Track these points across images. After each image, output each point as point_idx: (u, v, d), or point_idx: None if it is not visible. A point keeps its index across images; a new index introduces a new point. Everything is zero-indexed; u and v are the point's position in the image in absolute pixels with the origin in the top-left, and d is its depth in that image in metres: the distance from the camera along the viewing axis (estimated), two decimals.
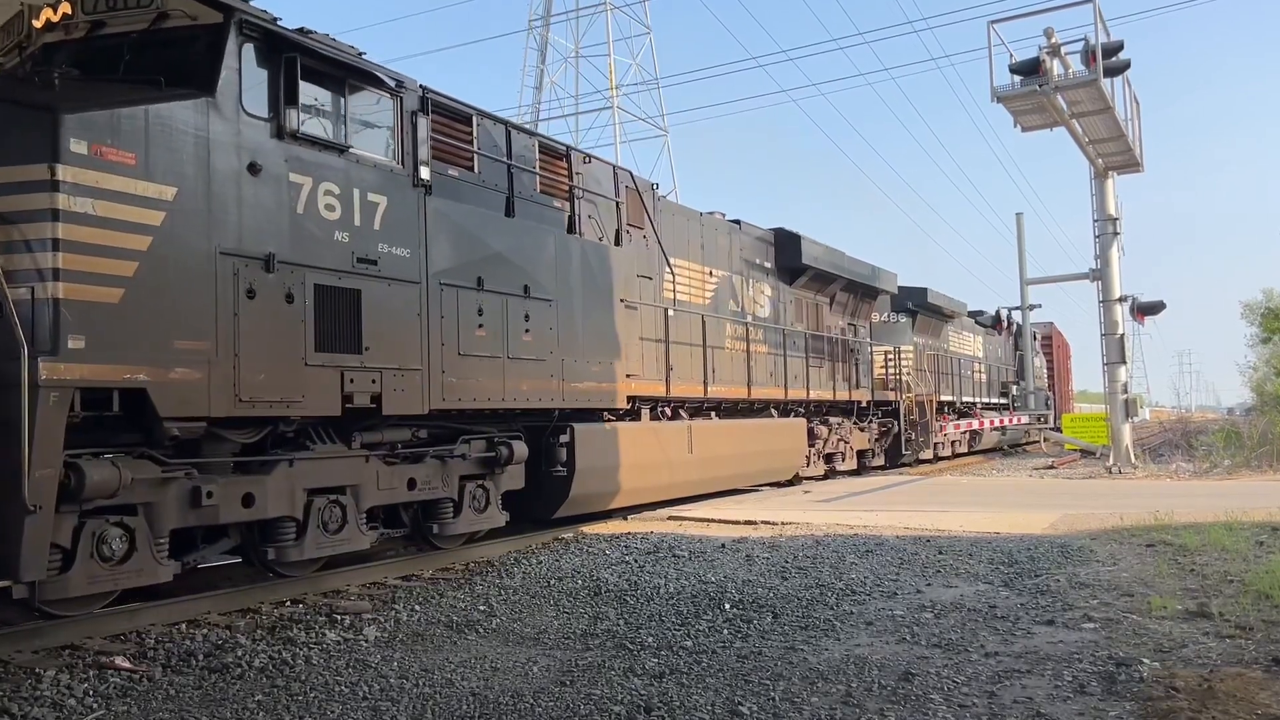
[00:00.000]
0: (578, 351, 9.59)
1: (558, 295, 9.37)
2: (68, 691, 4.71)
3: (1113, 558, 7.81)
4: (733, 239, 14.50)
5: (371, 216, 7.31)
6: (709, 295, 13.45)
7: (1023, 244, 21.89)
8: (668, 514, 11.27)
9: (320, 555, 7.18)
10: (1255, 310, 46.75)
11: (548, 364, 9.14)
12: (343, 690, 4.68)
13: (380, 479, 7.62)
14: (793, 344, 15.76)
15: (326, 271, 6.89)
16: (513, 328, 8.71)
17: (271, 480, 6.73)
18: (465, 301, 8.16)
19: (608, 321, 10.19)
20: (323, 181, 6.95)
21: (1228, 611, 5.72)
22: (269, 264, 6.47)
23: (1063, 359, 38.06)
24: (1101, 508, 11.00)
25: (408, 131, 7.80)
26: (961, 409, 24.45)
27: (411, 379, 7.54)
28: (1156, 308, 19.72)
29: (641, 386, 11.06)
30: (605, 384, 10.03)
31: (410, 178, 7.75)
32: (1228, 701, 4.00)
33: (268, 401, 6.47)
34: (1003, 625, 5.64)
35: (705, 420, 12.82)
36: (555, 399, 9.24)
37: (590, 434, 9.80)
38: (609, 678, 4.76)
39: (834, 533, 9.50)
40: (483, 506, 8.75)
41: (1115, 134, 17.37)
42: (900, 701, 4.28)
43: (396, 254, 7.48)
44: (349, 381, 6.99)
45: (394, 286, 7.43)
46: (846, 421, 17.82)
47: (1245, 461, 18.81)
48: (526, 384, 8.84)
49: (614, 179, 11.08)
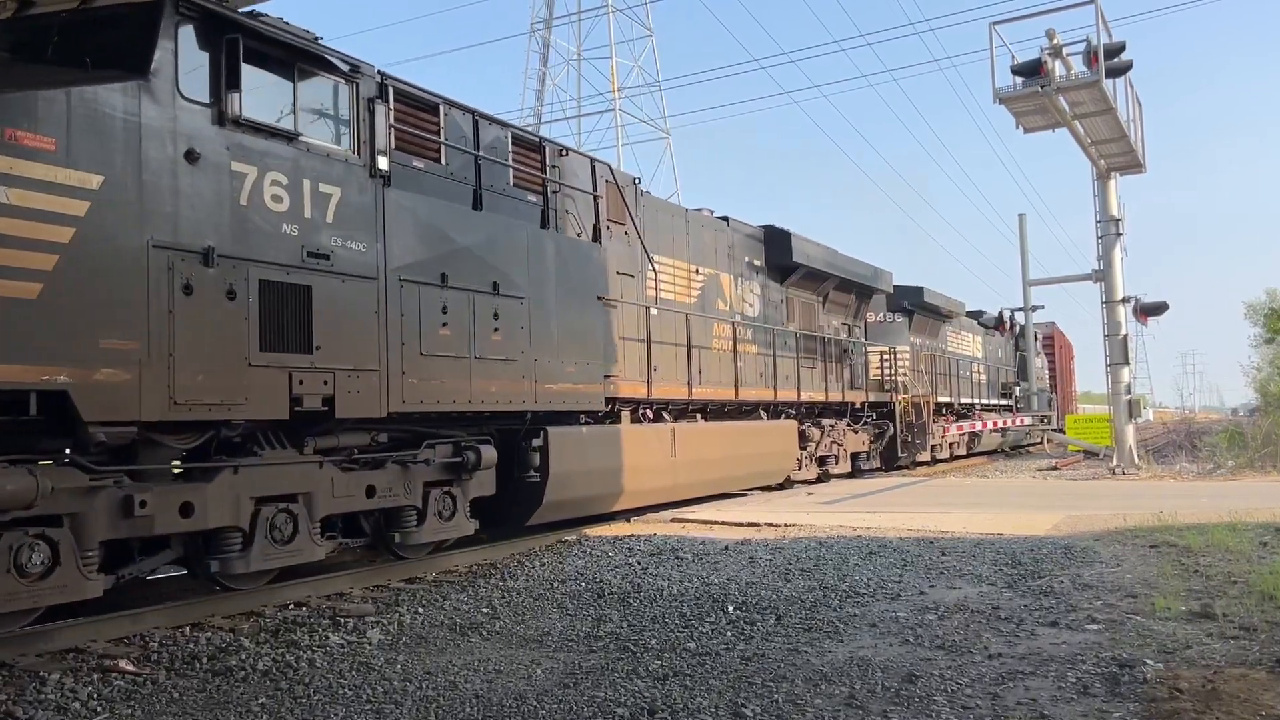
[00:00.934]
0: (552, 351, 9.20)
1: (530, 292, 8.95)
2: (72, 695, 4.71)
3: (1116, 559, 7.80)
4: (720, 236, 14.15)
5: (324, 208, 6.94)
6: (695, 294, 13.13)
7: (1025, 245, 21.90)
8: (671, 516, 11.28)
9: (269, 568, 6.78)
10: (1258, 310, 46.68)
11: (519, 364, 8.73)
12: (346, 693, 4.69)
13: (336, 486, 7.23)
14: (783, 344, 15.40)
15: (273, 266, 6.52)
16: (480, 326, 8.30)
17: (213, 488, 6.37)
18: (428, 299, 7.76)
19: (585, 320, 9.78)
20: (269, 171, 6.59)
21: (1231, 612, 5.72)
22: (208, 258, 6.10)
23: (1065, 359, 37.92)
24: (1105, 509, 10.99)
25: (364, 119, 7.41)
26: (960, 410, 24.14)
27: (368, 380, 7.17)
28: (1159, 308, 19.68)
29: (621, 388, 10.74)
30: (582, 385, 9.64)
31: (367, 168, 7.36)
32: (1231, 703, 4.00)
33: (206, 404, 6.09)
34: (1006, 627, 5.64)
35: (689, 423, 12.45)
36: (527, 401, 8.85)
37: (565, 438, 9.37)
38: (612, 680, 4.76)
39: (837, 534, 9.50)
40: (449, 514, 8.33)
41: (1117, 135, 17.36)
42: (904, 703, 4.28)
43: (351, 248, 7.10)
44: (298, 383, 6.62)
45: (349, 282, 7.06)
46: (840, 423, 17.46)
47: (1249, 462, 18.78)
48: (496, 385, 8.44)
49: (592, 173, 10.67)
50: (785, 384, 15.14)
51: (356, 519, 7.86)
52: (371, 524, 8.00)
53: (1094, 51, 15.52)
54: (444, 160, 8.38)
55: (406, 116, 8.03)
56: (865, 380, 18.53)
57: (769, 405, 14.85)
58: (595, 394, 9.89)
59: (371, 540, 8.10)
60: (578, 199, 10.30)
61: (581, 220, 10.30)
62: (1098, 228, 18.78)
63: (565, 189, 10.07)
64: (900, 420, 19.22)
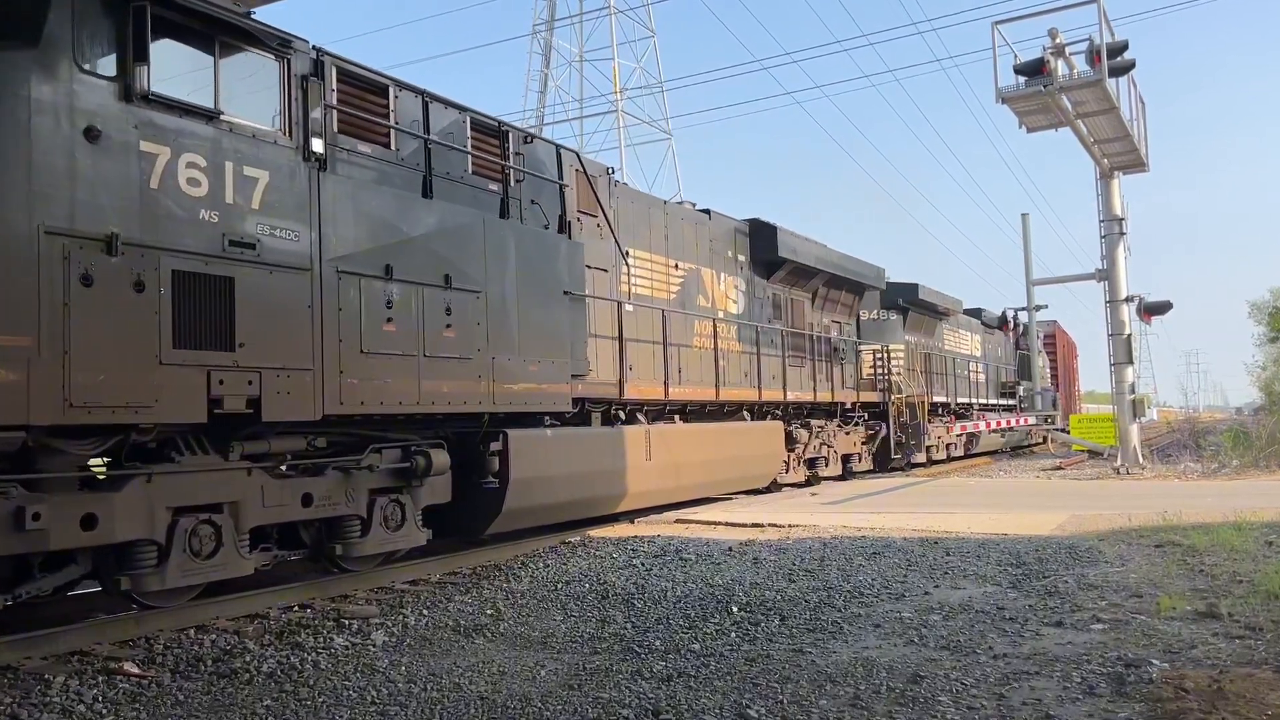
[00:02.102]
0: (513, 349, 8.62)
1: (488, 286, 8.38)
2: (77, 697, 4.72)
3: (1121, 558, 7.79)
4: (701, 229, 13.62)
5: (249, 193, 6.40)
6: (674, 290, 12.68)
7: (1028, 244, 21.84)
8: (674, 517, 11.28)
9: (189, 584, 6.26)
10: (1263, 309, 46.65)
11: (474, 363, 8.16)
12: (351, 695, 4.69)
13: (266, 494, 6.70)
14: (769, 342, 14.92)
15: (189, 256, 5.98)
16: (430, 322, 7.73)
17: (122, 498, 5.83)
18: (370, 292, 7.23)
19: (550, 316, 9.21)
20: (185, 152, 6.05)
21: (1237, 612, 5.70)
22: (111, 246, 5.55)
23: (1068, 358, 37.72)
24: (1109, 508, 10.97)
25: (296, 98, 6.88)
26: (957, 410, 23.71)
27: (300, 380, 6.62)
28: (1163, 308, 19.64)
29: (591, 388, 10.21)
30: (546, 385, 9.07)
31: (299, 150, 6.83)
32: (1238, 702, 3.99)
33: (109, 407, 5.54)
34: (1011, 627, 5.63)
35: (666, 424, 11.93)
36: (484, 402, 8.26)
37: (527, 441, 8.84)
38: (617, 681, 4.76)
39: (841, 535, 9.49)
40: (398, 524, 7.77)
41: (1120, 134, 17.34)
42: (908, 704, 4.28)
43: (281, 237, 6.57)
44: (218, 383, 6.07)
45: (278, 274, 6.53)
46: (830, 424, 17.00)
47: (1254, 461, 18.75)
48: (448, 385, 7.87)
49: (558, 161, 10.07)
50: (771, 384, 14.72)
51: (295, 529, 7.36)
52: (312, 535, 7.47)
53: (1096, 50, 15.51)
54: (394, 146, 7.86)
55: (352, 98, 7.54)
56: (857, 380, 18.13)
57: (753, 406, 14.37)
58: (561, 395, 9.35)
59: (312, 552, 7.53)
60: (545, 189, 9.75)
61: (548, 210, 9.71)
62: (1101, 227, 18.75)
63: (530, 177, 9.46)
64: (894, 421, 18.78)
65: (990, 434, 25.35)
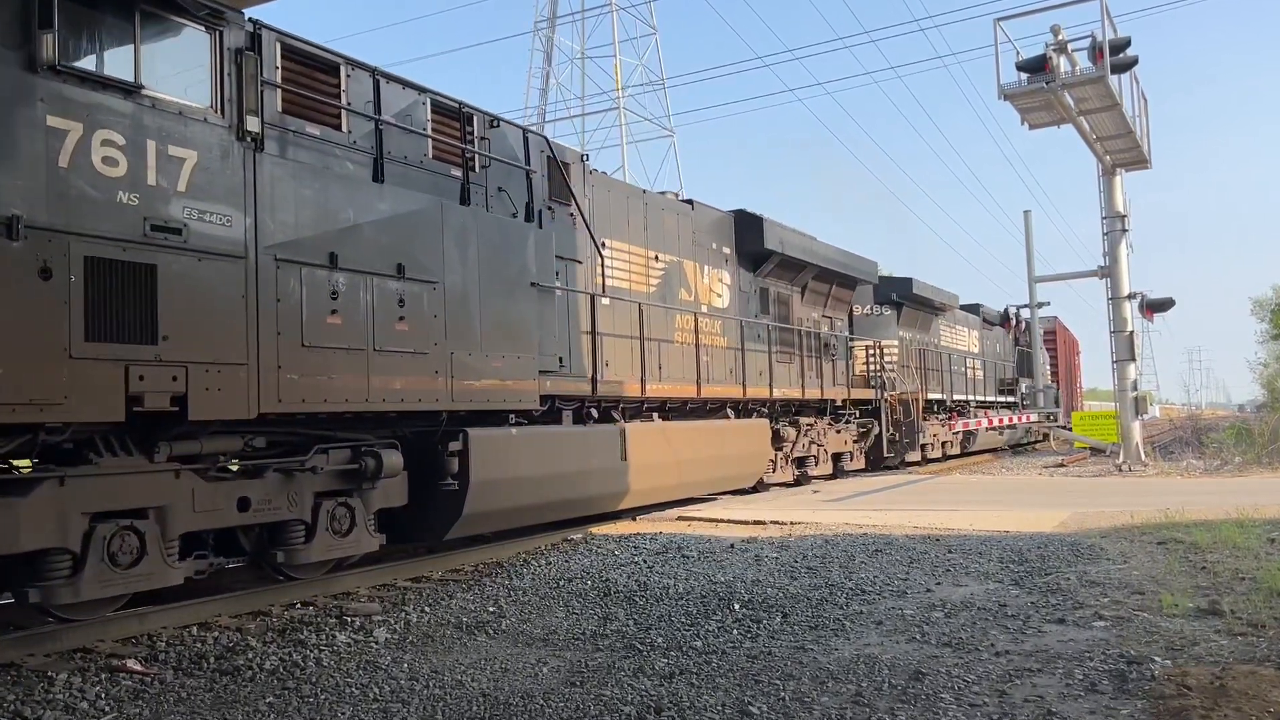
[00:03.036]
0: (474, 344, 8.10)
1: (446, 277, 7.86)
2: (80, 695, 4.73)
3: (1123, 555, 7.79)
4: (683, 220, 13.04)
5: (174, 175, 5.92)
6: (654, 282, 12.14)
7: (1031, 241, 21.80)
8: (676, 514, 11.30)
9: (109, 595, 5.83)
10: (1265, 306, 46.67)
11: (430, 358, 7.66)
12: (353, 692, 4.70)
13: (198, 498, 6.24)
14: (755, 337, 14.32)
15: (104, 241, 5.50)
16: (381, 314, 7.24)
17: (29, 504, 5.39)
18: (312, 282, 6.75)
19: (515, 309, 8.66)
20: (99, 129, 5.55)
21: (1239, 609, 5.70)
22: (11, 229, 5.10)
23: (1069, 355, 37.49)
24: (1112, 505, 10.97)
25: (229, 73, 6.39)
26: (953, 407, 23.28)
27: (233, 376, 6.13)
28: (1165, 305, 19.63)
29: (562, 385, 9.71)
30: (511, 381, 8.53)
31: (233, 129, 6.33)
32: (1240, 699, 3.99)
33: (9, 404, 5.10)
34: (1013, 624, 5.63)
35: (644, 423, 11.34)
36: (441, 399, 7.74)
37: (490, 441, 8.34)
38: (619, 678, 4.76)
39: (843, 532, 9.49)
40: (346, 529, 7.32)
41: (1123, 130, 17.32)
42: (911, 701, 4.28)
43: (211, 222, 6.08)
44: (137, 379, 5.58)
45: (207, 261, 6.03)
46: (820, 422, 16.42)
47: (1256, 458, 18.75)
48: (401, 382, 7.38)
49: (525, 146, 9.56)
50: (758, 380, 14.17)
51: (235, 535, 6.95)
52: (252, 540, 7.08)
53: (1099, 47, 15.50)
54: (346, 128, 7.46)
55: (299, 77, 7.15)
56: (848, 376, 17.62)
57: (738, 403, 13.77)
58: (528, 392, 8.81)
59: (253, 559, 7.17)
60: (514, 176, 9.26)
61: (516, 199, 9.25)
62: (1103, 224, 18.74)
63: (498, 164, 8.99)
64: (886, 418, 18.24)
65: (988, 432, 24.84)
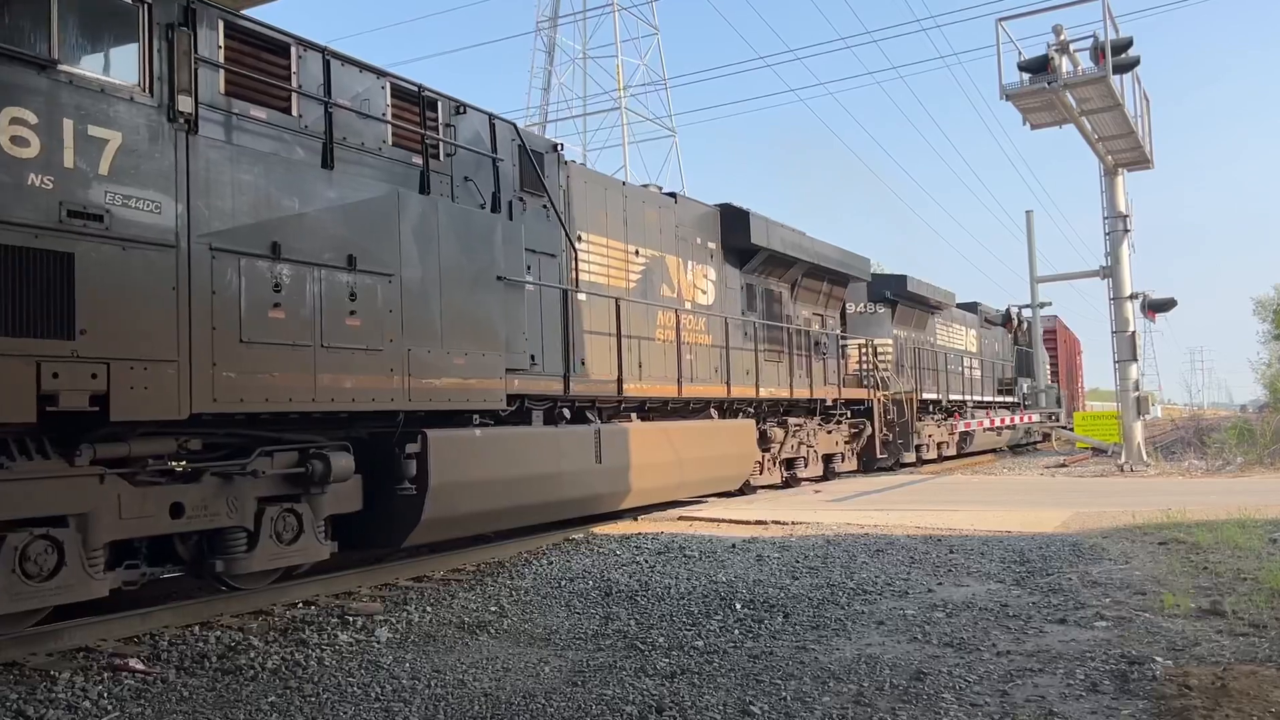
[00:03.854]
0: (434, 340, 7.69)
1: (403, 269, 7.46)
2: (82, 694, 4.74)
3: (1125, 556, 7.78)
4: (665, 214, 12.56)
5: (94, 157, 5.52)
6: (634, 278, 11.71)
7: (1033, 242, 21.79)
8: (678, 514, 11.31)
9: (22, 609, 5.40)
10: (1268, 306, 46.67)
11: (385, 355, 7.24)
12: (355, 691, 4.70)
13: (125, 505, 5.78)
14: (742, 335, 13.88)
15: (12, 227, 5.14)
16: (330, 309, 6.82)
17: None
18: (253, 273, 6.33)
19: (480, 304, 8.23)
20: (8, 106, 5.20)
21: (1241, 609, 5.70)
22: None
23: (1071, 355, 37.33)
24: (1113, 505, 10.97)
25: (159, 49, 5.94)
26: (949, 407, 22.88)
27: (161, 373, 5.68)
28: (1167, 305, 19.62)
29: (531, 384, 9.23)
30: (474, 380, 8.10)
31: (163, 109, 5.90)
32: (1241, 699, 3.99)
33: None
34: (1015, 624, 5.63)
35: (620, 423, 10.88)
36: (397, 399, 7.34)
37: (450, 443, 7.90)
38: (620, 678, 4.77)
39: (844, 532, 9.49)
40: (293, 536, 6.87)
41: (1125, 131, 17.32)
42: (912, 701, 4.28)
43: (138, 208, 5.65)
44: (51, 376, 5.19)
45: (133, 251, 5.59)
46: (810, 423, 15.92)
47: (1258, 458, 18.76)
48: (352, 380, 6.96)
49: (491, 134, 9.06)
50: (745, 379, 13.70)
51: (171, 543, 6.42)
52: (190, 549, 6.55)
53: (1101, 47, 15.50)
54: (297, 112, 7.05)
55: (244, 57, 6.74)
56: (840, 376, 17.17)
57: (722, 403, 13.28)
58: (494, 391, 8.36)
59: (192, 569, 6.65)
60: (483, 165, 8.85)
61: (484, 189, 8.81)
62: (1105, 224, 18.74)
63: (465, 152, 8.60)
64: (879, 418, 17.74)
65: (986, 432, 24.39)
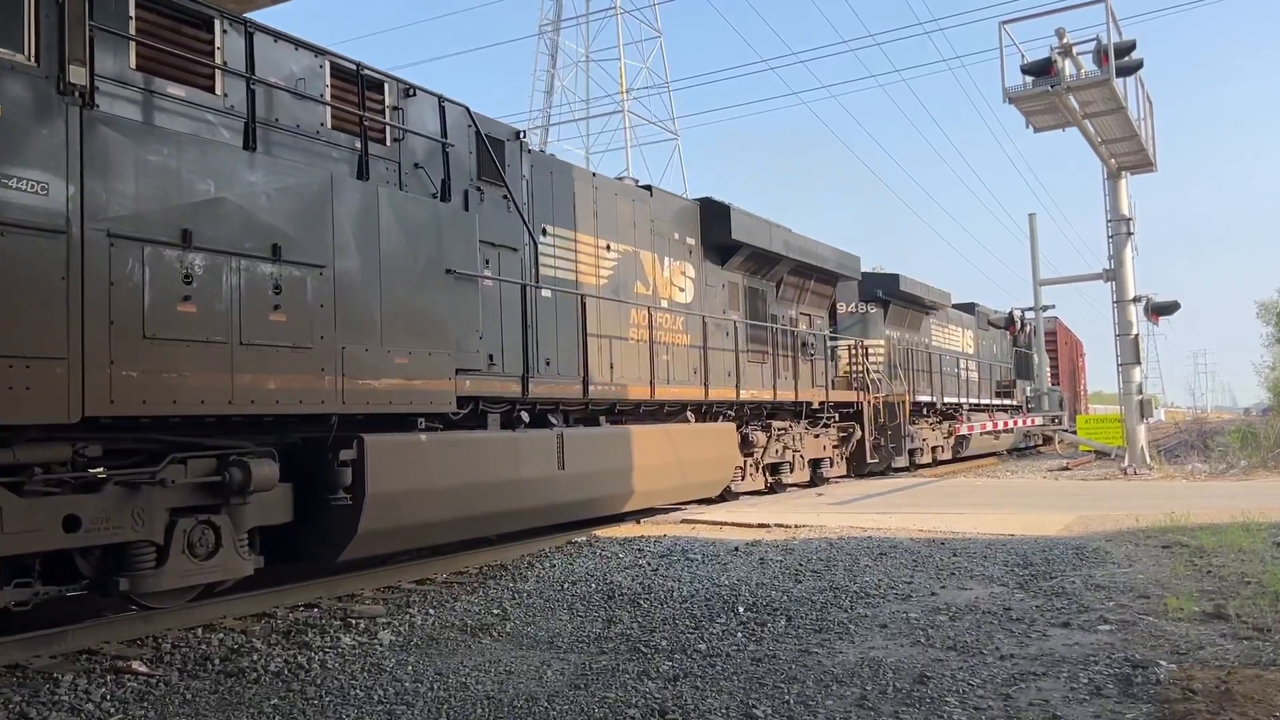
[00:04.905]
0: (372, 337, 7.11)
1: (338, 261, 6.88)
2: (85, 696, 4.74)
3: (1128, 559, 7.77)
4: (640, 208, 12.01)
5: None
6: (605, 274, 11.22)
7: (1035, 244, 21.76)
8: (681, 517, 11.30)
9: None
10: (1271, 310, 46.64)
11: (315, 353, 6.64)
12: (358, 694, 4.70)
13: (7, 518, 5.23)
14: (723, 335, 13.38)
15: None
16: (251, 302, 6.22)
17: None
18: (158, 263, 5.76)
19: (426, 300, 7.66)
20: None
21: (1245, 613, 5.69)
22: None
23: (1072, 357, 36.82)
24: (1117, 509, 10.95)
25: (47, 14, 5.42)
26: (945, 410, 22.38)
27: (47, 372, 5.17)
28: (1171, 308, 19.61)
29: (485, 385, 8.68)
30: (420, 381, 7.52)
31: (51, 80, 5.37)
32: (1245, 703, 3.98)
33: None
34: (1018, 627, 5.62)
35: (587, 428, 10.37)
36: (329, 401, 6.74)
37: (391, 448, 7.33)
38: (623, 681, 4.76)
39: (847, 535, 9.48)
40: (210, 550, 6.23)
41: (1128, 133, 17.33)
42: (915, 704, 4.27)
43: (19, 189, 5.15)
44: None
45: (12, 236, 5.09)
46: (796, 426, 15.33)
47: (1262, 462, 18.73)
48: (277, 381, 6.35)
49: (440, 116, 8.50)
50: (725, 381, 13.16)
51: (72, 559, 5.80)
52: (94, 564, 5.91)
53: (1104, 50, 15.51)
54: (221, 90, 6.63)
55: (159, 30, 6.34)
56: (828, 377, 16.71)
57: (700, 406, 12.63)
58: (441, 392, 7.77)
59: (97, 586, 5.96)
60: (435, 152, 8.38)
61: (434, 176, 8.34)
62: (1109, 227, 18.73)
63: (415, 138, 8.16)
64: (869, 422, 17.21)
65: (982, 436, 23.86)
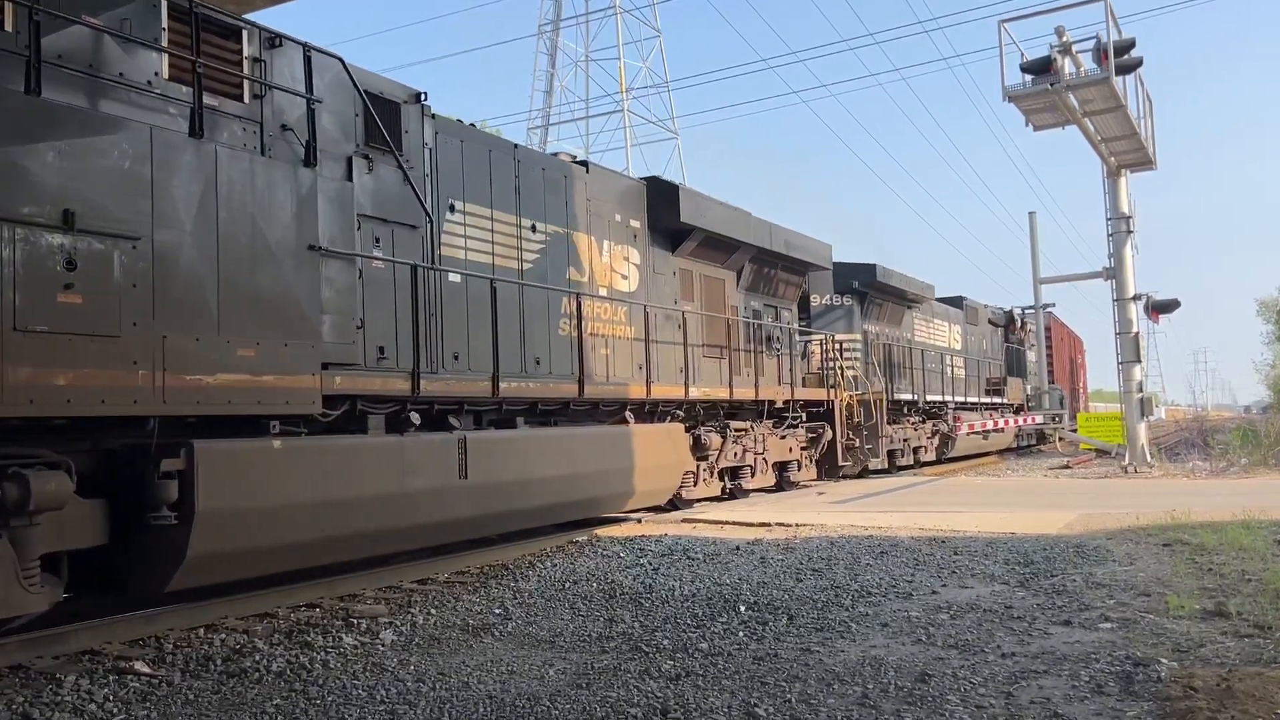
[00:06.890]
0: (205, 325, 6.06)
1: (156, 232, 5.82)
2: (88, 696, 4.75)
3: (1129, 557, 7.78)
4: (574, 185, 10.82)
5: None
6: (530, 257, 10.06)
7: (1036, 243, 21.75)
8: (682, 516, 11.30)
9: None
10: (1271, 308, 46.63)
11: (125, 343, 5.60)
12: (360, 694, 4.71)
13: None
14: (673, 328, 12.23)
15: None
16: (30, 279, 5.18)
17: None
18: None
19: (281, 280, 6.60)
20: None
21: (1246, 611, 5.70)
22: None
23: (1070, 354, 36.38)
24: (1118, 507, 10.96)
25: None
26: (928, 409, 21.27)
27: None
28: (1171, 306, 19.62)
29: (363, 382, 7.56)
30: (271, 377, 6.44)
31: None
32: (1246, 701, 3.98)
33: None
34: (1019, 626, 5.63)
35: (497, 431, 9.16)
36: (145, 401, 5.68)
37: (229, 457, 6.23)
38: (625, 680, 4.77)
39: (848, 534, 9.49)
40: None
41: (1128, 132, 17.33)
42: (916, 703, 4.28)
43: None
44: None
45: None
46: (758, 427, 14.04)
47: (1262, 460, 18.73)
48: (68, 376, 5.31)
49: (306, 71, 7.29)
50: (674, 378, 12.01)
51: None
52: None
53: (1104, 49, 15.51)
54: (12, 27, 5.64)
55: None
56: (798, 375, 15.63)
57: (641, 405, 11.39)
58: (301, 390, 6.69)
59: None
60: (302, 109, 7.27)
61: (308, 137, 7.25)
62: (1108, 225, 18.73)
63: (280, 94, 7.14)
64: (841, 422, 16.01)
65: (969, 436, 22.65)
